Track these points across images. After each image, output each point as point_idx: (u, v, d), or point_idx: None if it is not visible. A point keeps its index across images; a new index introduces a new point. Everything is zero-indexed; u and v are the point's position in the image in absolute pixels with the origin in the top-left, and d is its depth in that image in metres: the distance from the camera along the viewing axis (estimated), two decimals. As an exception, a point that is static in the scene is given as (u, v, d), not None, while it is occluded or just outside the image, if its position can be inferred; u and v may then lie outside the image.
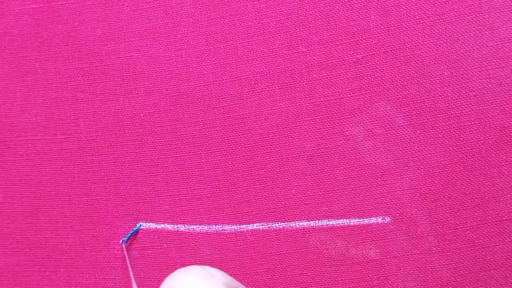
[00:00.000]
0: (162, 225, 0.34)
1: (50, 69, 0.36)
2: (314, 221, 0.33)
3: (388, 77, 0.33)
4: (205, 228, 0.34)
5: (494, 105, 0.32)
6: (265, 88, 0.34)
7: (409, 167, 0.32)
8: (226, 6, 0.34)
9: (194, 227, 0.34)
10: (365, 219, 0.33)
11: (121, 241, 0.34)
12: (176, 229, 0.34)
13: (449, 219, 0.32)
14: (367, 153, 0.33)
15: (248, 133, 0.34)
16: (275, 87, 0.34)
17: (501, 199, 0.32)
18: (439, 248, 0.32)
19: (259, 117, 0.34)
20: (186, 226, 0.34)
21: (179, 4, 0.35)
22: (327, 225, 0.33)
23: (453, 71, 0.32)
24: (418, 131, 0.32)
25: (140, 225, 0.34)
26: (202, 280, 0.26)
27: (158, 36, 0.35)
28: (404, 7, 0.33)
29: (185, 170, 0.34)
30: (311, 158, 0.33)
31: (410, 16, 0.33)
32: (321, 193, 0.33)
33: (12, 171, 0.36)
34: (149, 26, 0.35)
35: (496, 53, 0.32)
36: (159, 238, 0.34)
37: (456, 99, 0.32)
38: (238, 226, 0.34)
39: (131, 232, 0.34)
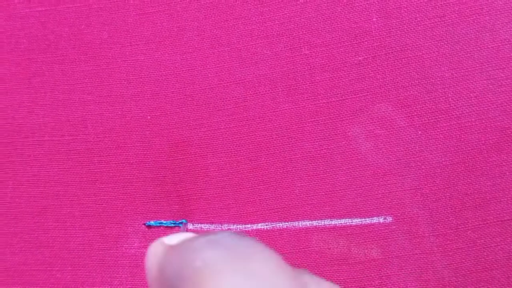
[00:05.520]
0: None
1: (57, 71, 0.36)
2: (316, 221, 0.33)
3: (389, 79, 0.33)
4: (212, 227, 0.34)
5: (495, 106, 0.32)
6: (268, 90, 0.34)
7: (411, 167, 0.32)
8: (230, 10, 0.35)
9: (202, 225, 0.34)
10: (367, 219, 0.33)
11: (180, 221, 0.35)
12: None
13: (450, 219, 0.32)
14: (369, 154, 0.33)
15: (253, 135, 0.34)
16: (278, 89, 0.34)
17: (502, 199, 0.31)
18: (440, 248, 0.32)
19: (263, 119, 0.34)
20: (193, 225, 0.34)
21: (184, 8, 0.35)
22: (329, 224, 0.33)
23: (454, 72, 0.32)
24: (420, 132, 0.32)
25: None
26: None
27: (163, 39, 0.35)
28: (405, 9, 0.33)
29: (192, 171, 0.34)
30: (313, 159, 0.33)
31: (411, 18, 0.33)
32: (323, 193, 0.33)
33: (19, 172, 0.36)
34: (154, 30, 0.35)
35: (496, 55, 0.32)
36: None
37: (457, 100, 0.32)
38: (243, 226, 0.34)
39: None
